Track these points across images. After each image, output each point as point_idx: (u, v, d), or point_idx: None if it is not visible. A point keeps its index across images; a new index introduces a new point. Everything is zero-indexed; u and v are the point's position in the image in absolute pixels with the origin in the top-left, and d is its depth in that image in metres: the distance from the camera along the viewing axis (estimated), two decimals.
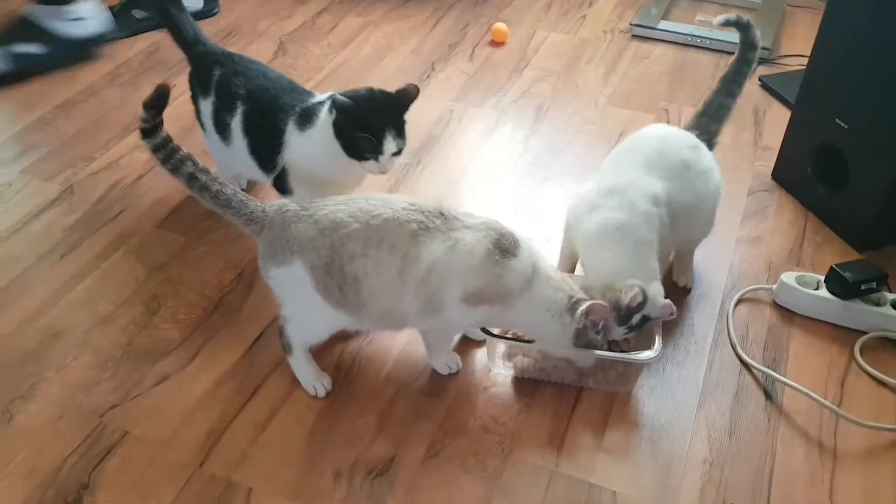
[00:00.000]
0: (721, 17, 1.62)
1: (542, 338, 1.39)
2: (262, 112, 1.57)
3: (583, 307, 1.30)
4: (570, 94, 2.30)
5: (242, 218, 1.33)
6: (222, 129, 1.65)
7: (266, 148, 1.58)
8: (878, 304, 1.55)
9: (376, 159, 1.47)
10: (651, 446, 1.36)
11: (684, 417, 1.41)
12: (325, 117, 1.49)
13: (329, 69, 2.37)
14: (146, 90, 2.19)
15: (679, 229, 1.48)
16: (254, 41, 2.50)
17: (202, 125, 1.72)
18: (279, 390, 1.44)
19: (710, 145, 1.59)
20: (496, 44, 2.52)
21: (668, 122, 2.16)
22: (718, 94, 1.62)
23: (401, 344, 1.52)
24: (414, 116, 1.44)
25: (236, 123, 1.60)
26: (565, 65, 2.43)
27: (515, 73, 2.38)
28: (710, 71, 2.40)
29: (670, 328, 1.55)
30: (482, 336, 1.45)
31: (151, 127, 1.30)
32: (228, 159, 1.72)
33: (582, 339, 1.34)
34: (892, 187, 1.64)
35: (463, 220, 1.31)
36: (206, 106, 1.66)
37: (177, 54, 1.77)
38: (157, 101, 1.30)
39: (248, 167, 1.64)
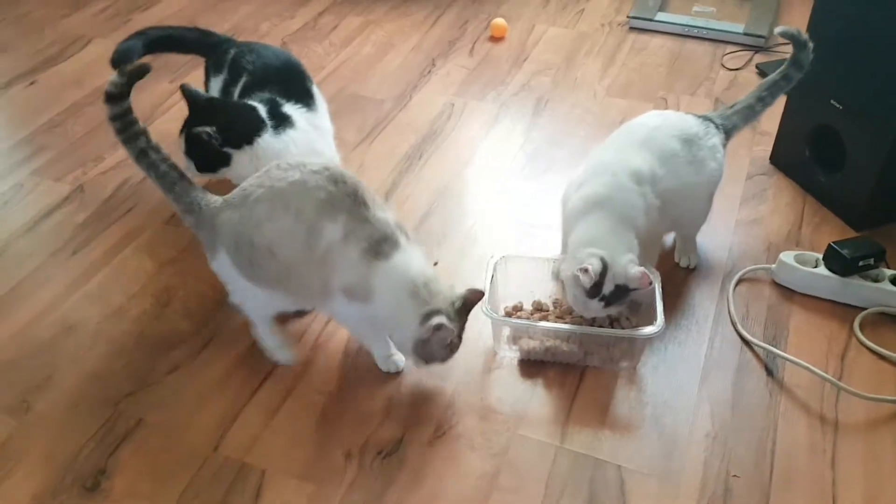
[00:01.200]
0: (781, 28, 1.59)
1: (393, 332, 1.38)
2: None
3: (434, 320, 1.27)
4: (570, 86, 2.32)
5: (181, 206, 1.34)
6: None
7: None
8: (876, 280, 1.57)
9: None
10: (655, 422, 1.38)
11: (687, 394, 1.43)
12: None
13: (331, 68, 2.40)
14: (152, 92, 2.28)
15: (668, 213, 1.51)
16: None
17: None
18: (289, 376, 1.47)
19: (728, 134, 1.61)
20: (496, 39, 2.55)
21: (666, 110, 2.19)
22: (751, 96, 1.64)
23: None
24: (416, 111, 1.47)
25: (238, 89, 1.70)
26: (564, 58, 2.46)
27: (515, 66, 2.41)
28: (707, 61, 2.42)
29: (672, 308, 1.58)
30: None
31: (118, 93, 1.26)
32: None
33: (423, 350, 1.32)
34: (887, 164, 1.66)
35: (369, 210, 1.28)
36: (216, 83, 1.76)
37: (181, 57, 1.81)
38: (135, 72, 1.27)
39: None
